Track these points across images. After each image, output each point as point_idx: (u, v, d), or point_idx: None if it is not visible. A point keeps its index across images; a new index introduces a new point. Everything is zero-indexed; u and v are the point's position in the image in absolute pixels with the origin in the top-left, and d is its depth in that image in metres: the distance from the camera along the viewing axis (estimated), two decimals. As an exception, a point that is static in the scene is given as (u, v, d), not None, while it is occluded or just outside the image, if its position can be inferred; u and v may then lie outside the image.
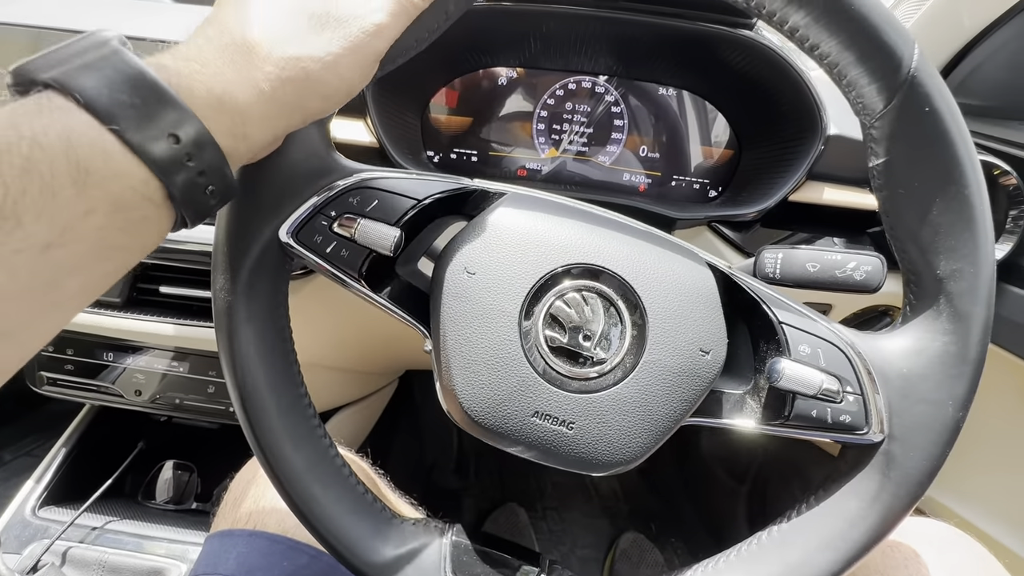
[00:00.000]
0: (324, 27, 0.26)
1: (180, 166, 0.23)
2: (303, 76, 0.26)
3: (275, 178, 0.31)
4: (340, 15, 0.27)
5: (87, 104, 0.21)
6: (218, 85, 0.24)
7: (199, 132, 0.24)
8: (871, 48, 0.28)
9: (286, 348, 0.34)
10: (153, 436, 0.80)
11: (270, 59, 0.25)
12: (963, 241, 0.30)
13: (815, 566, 0.31)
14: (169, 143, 0.23)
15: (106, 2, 0.63)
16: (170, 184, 0.23)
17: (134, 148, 0.22)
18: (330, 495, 0.33)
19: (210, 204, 0.26)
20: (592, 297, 0.32)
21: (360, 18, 0.27)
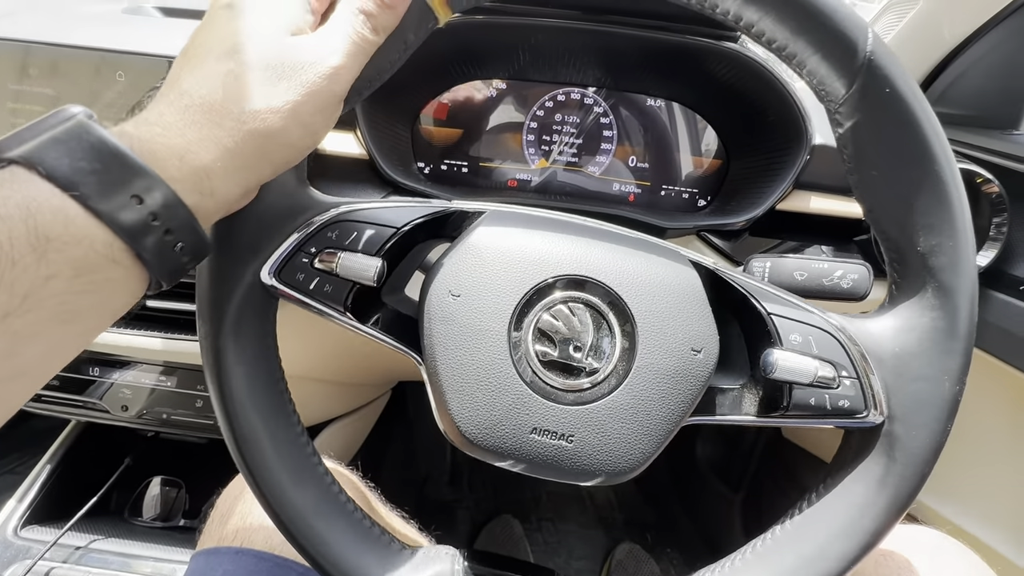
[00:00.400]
0: (280, 78, 0.27)
1: (146, 226, 0.24)
2: (264, 129, 0.27)
3: (251, 220, 0.31)
4: (295, 63, 0.27)
5: (48, 174, 0.22)
6: (180, 145, 0.25)
7: (163, 192, 0.24)
8: (826, 37, 0.28)
9: (279, 388, 0.34)
10: (140, 452, 0.79)
11: (230, 115, 0.26)
12: (939, 216, 0.30)
13: (831, 556, 0.31)
14: (132, 204, 0.24)
15: (96, 17, 0.63)
16: (137, 245, 0.24)
17: (96, 212, 0.23)
18: (335, 532, 0.33)
19: (182, 262, 0.26)
20: (579, 308, 0.32)
21: (315, 63, 0.27)
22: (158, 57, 0.56)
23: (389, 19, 0.29)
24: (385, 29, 0.29)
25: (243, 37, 0.27)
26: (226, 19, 0.27)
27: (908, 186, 0.30)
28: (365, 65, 0.30)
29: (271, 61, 0.27)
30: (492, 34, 0.57)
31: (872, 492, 0.31)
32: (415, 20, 0.30)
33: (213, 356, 0.32)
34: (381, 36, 0.29)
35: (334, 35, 0.28)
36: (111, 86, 0.56)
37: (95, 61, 0.56)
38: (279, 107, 0.27)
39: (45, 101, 0.56)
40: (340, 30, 0.28)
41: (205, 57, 0.27)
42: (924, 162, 0.29)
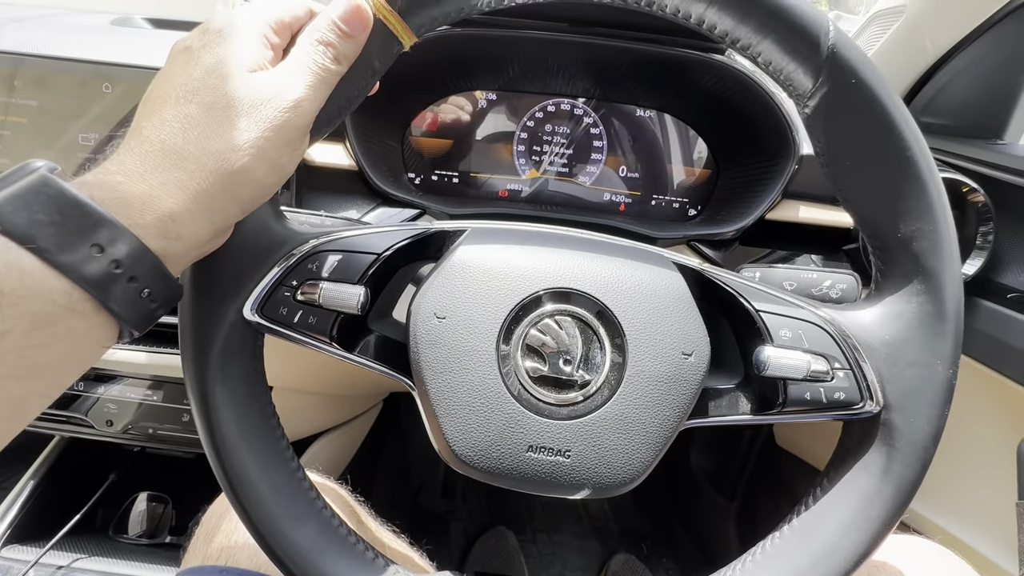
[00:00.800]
0: (240, 115, 0.26)
1: (109, 275, 0.24)
2: (227, 169, 0.26)
3: (229, 259, 0.31)
4: (255, 100, 0.27)
5: (4, 229, 0.22)
6: (142, 191, 0.25)
7: (126, 240, 0.24)
8: (788, 33, 0.29)
9: (270, 425, 0.33)
10: (125, 467, 0.78)
11: (191, 157, 0.26)
12: (916, 201, 0.30)
13: (843, 551, 0.31)
14: (93, 253, 0.23)
15: (83, 28, 0.62)
16: (101, 295, 0.24)
17: (54, 263, 0.23)
18: (340, 568, 0.32)
19: (151, 308, 0.26)
20: (566, 320, 0.32)
21: (276, 98, 0.27)
22: (146, 69, 0.55)
23: (350, 48, 0.29)
24: (347, 58, 0.29)
25: (201, 78, 0.27)
26: (183, 62, 0.27)
27: (883, 173, 0.30)
28: (333, 95, 0.30)
29: (229, 100, 0.26)
30: (482, 46, 0.57)
31: (877, 481, 0.31)
32: (379, 46, 0.30)
33: (201, 400, 0.32)
34: (344, 65, 0.29)
35: (294, 68, 0.28)
36: (98, 98, 0.56)
37: (81, 73, 0.55)
38: (241, 145, 0.26)
39: (30, 113, 0.55)
40: (300, 63, 0.28)
41: (164, 101, 0.27)
42: (896, 148, 0.30)
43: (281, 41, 0.29)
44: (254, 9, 0.29)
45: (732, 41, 0.30)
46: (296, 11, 0.29)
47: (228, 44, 0.27)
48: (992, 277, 0.56)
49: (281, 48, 0.29)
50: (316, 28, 0.29)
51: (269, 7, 0.29)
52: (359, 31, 0.29)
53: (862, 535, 0.31)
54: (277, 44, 0.29)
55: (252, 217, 0.31)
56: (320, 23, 0.29)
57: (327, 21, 0.28)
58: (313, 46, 0.28)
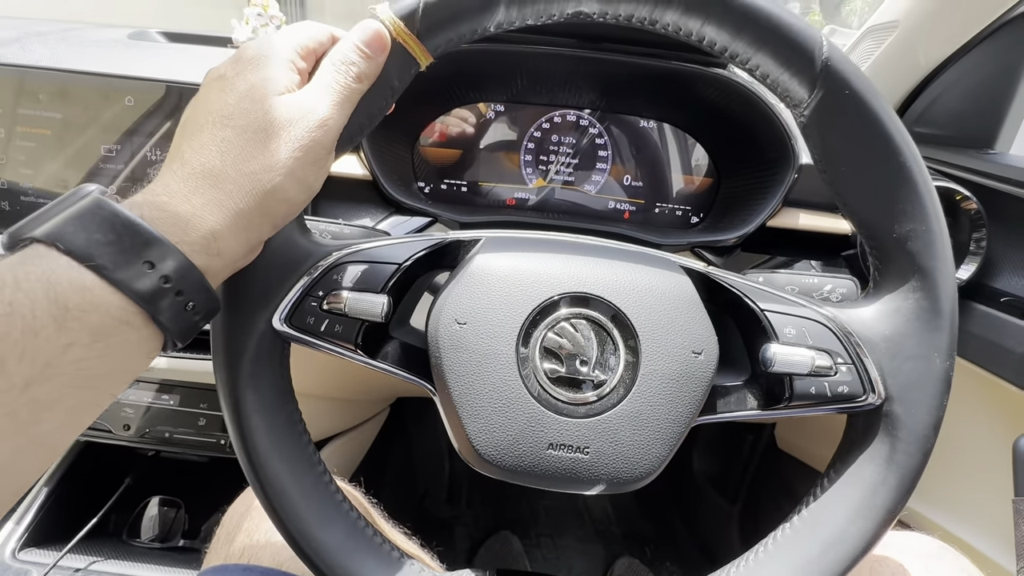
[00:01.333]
0: (271, 137, 0.28)
1: (159, 290, 0.26)
2: (262, 189, 0.28)
3: (259, 273, 0.33)
4: (284, 121, 0.29)
5: (67, 249, 0.24)
6: (187, 211, 0.27)
7: (174, 257, 0.26)
8: (784, 49, 0.31)
9: (298, 430, 0.35)
10: (140, 471, 0.79)
11: (229, 178, 0.28)
12: (909, 203, 0.32)
13: (851, 538, 0.32)
14: (145, 270, 0.25)
15: (103, 43, 0.64)
16: (151, 308, 0.26)
17: (111, 280, 0.24)
18: (368, 569, 0.34)
19: (194, 320, 0.28)
20: (581, 323, 0.33)
21: (303, 119, 0.29)
22: (167, 83, 0.57)
23: (371, 67, 0.31)
24: (368, 77, 0.31)
25: (235, 104, 0.29)
26: (218, 89, 0.29)
27: (877, 178, 0.32)
28: (356, 112, 0.31)
29: (262, 123, 0.28)
30: (490, 60, 0.59)
31: (882, 470, 0.33)
32: (398, 67, 0.32)
33: (233, 406, 0.33)
34: (365, 84, 0.31)
35: (319, 89, 0.30)
36: (120, 110, 0.57)
37: (104, 86, 0.57)
38: (274, 165, 0.28)
39: (54, 125, 0.57)
40: (325, 83, 0.30)
41: (202, 127, 0.29)
42: (888, 154, 0.31)
43: (307, 66, 0.31)
44: (281, 37, 0.31)
45: (731, 56, 0.32)
46: (320, 37, 0.31)
47: (259, 71, 0.29)
48: (986, 282, 0.58)
49: (307, 72, 0.31)
50: (339, 51, 0.31)
51: (295, 35, 0.31)
52: (379, 52, 0.31)
53: (869, 523, 0.32)
54: (303, 68, 0.31)
55: (280, 234, 0.32)
56: (343, 47, 0.31)
57: (349, 44, 0.30)
58: (336, 67, 0.30)
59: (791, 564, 0.32)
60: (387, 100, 0.33)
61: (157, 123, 0.57)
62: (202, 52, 0.66)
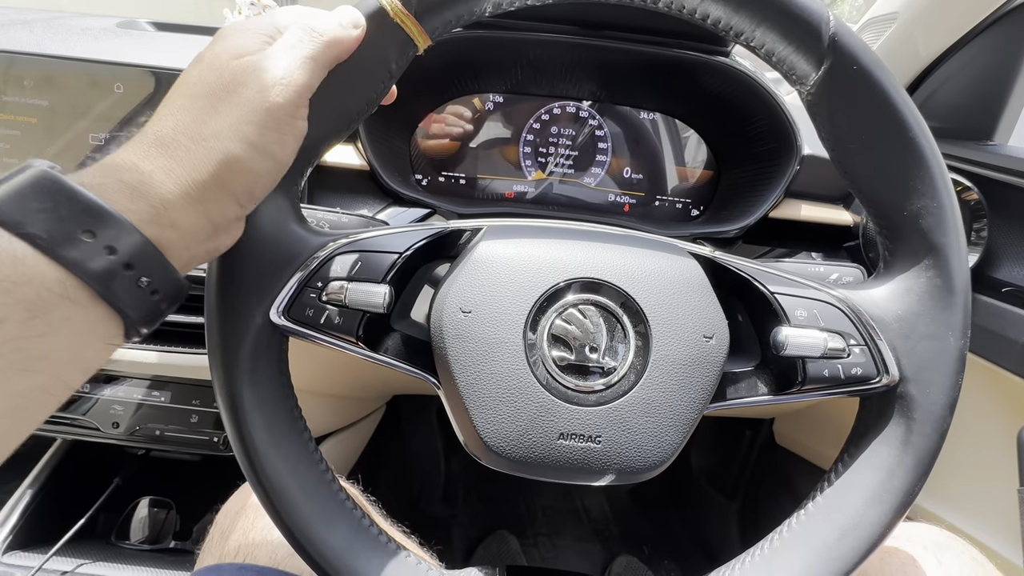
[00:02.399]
0: (223, 100, 0.27)
1: (104, 262, 0.24)
2: (215, 156, 0.26)
3: (253, 263, 0.31)
4: (234, 83, 0.27)
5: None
6: (134, 178, 0.25)
7: (118, 225, 0.24)
8: (790, 24, 0.30)
9: (298, 427, 0.33)
10: (129, 471, 0.77)
11: (180, 145, 0.26)
12: (920, 180, 0.31)
13: (869, 523, 0.31)
14: (84, 239, 0.23)
15: (91, 30, 0.63)
16: (97, 283, 0.23)
17: (46, 250, 0.22)
18: (374, 568, 0.32)
19: (153, 301, 0.25)
20: (589, 309, 0.33)
21: (255, 80, 0.27)
22: (156, 69, 0.56)
23: (341, 34, 0.29)
24: (338, 43, 0.29)
25: (196, 73, 0.27)
26: (190, 66, 0.28)
27: (887, 154, 0.31)
28: (352, 96, 0.30)
29: (215, 87, 0.27)
30: (489, 49, 0.58)
31: (898, 453, 0.32)
32: (396, 49, 0.31)
33: (230, 404, 0.32)
34: (335, 49, 0.29)
35: (280, 48, 0.28)
36: (108, 98, 0.56)
37: (92, 73, 0.55)
38: (223, 131, 0.26)
39: (40, 113, 0.55)
40: (287, 43, 0.28)
41: (165, 101, 0.28)
42: (898, 129, 0.31)
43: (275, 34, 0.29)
44: (264, 16, 0.30)
45: (734, 33, 0.31)
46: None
47: (225, 40, 0.28)
48: (987, 272, 0.58)
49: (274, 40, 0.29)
50: (308, 15, 0.29)
51: (278, 14, 0.30)
52: (350, 25, 0.29)
53: (886, 506, 0.31)
54: (276, 39, 0.29)
55: (273, 219, 0.31)
56: (314, 13, 0.29)
57: (321, 13, 0.29)
58: (302, 27, 0.29)
59: (808, 550, 0.32)
60: (385, 83, 0.32)
61: (147, 111, 0.55)
62: (193, 41, 0.64)
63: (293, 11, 0.30)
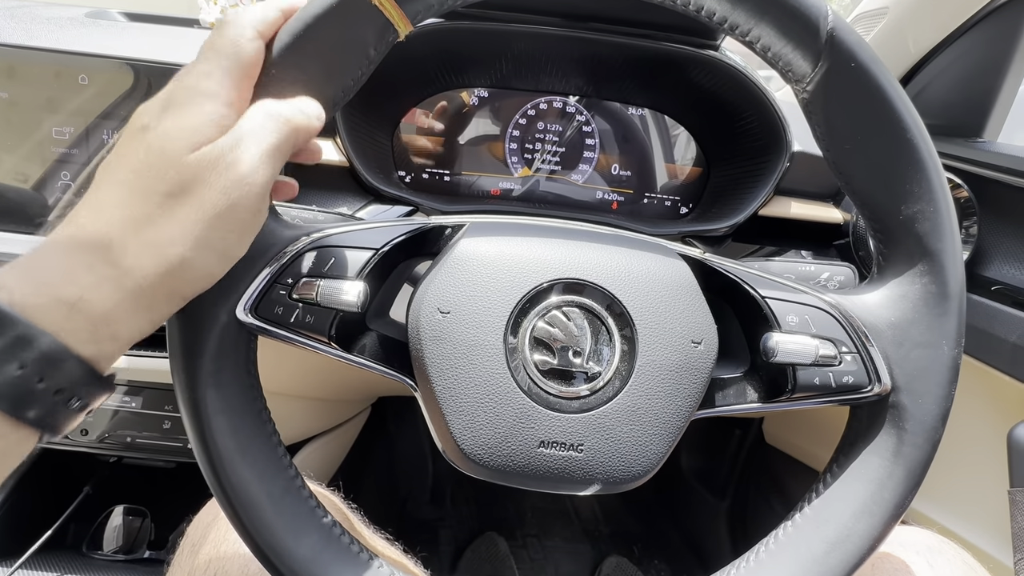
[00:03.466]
0: (180, 201, 0.24)
1: (30, 392, 0.22)
2: (167, 264, 0.24)
3: None
4: (197, 180, 0.25)
5: None
6: (72, 294, 0.23)
7: (50, 348, 0.22)
8: (787, 19, 0.29)
9: (266, 431, 0.32)
10: (101, 479, 0.74)
11: (127, 251, 0.24)
12: (916, 183, 0.30)
13: (857, 536, 0.30)
14: (12, 368, 0.21)
15: (57, 20, 0.60)
16: (17, 411, 0.22)
17: None
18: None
19: (75, 412, 0.24)
20: (574, 312, 0.31)
21: (220, 177, 0.25)
22: (124, 60, 0.53)
23: (305, 123, 0.28)
24: (303, 130, 0.28)
25: (144, 159, 0.25)
26: (136, 138, 0.25)
27: (883, 156, 0.30)
28: (330, 83, 0.28)
29: (172, 184, 0.24)
30: (474, 41, 0.57)
31: (888, 464, 0.31)
32: (375, 34, 0.29)
33: (193, 409, 0.30)
34: (302, 136, 0.27)
35: (245, 138, 0.26)
36: (73, 91, 0.53)
37: (55, 64, 0.53)
38: (177, 236, 0.24)
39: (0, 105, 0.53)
40: (250, 130, 0.26)
41: (108, 182, 0.25)
42: (895, 130, 0.30)
43: (246, 94, 0.27)
44: (214, 59, 0.27)
45: (731, 27, 0.30)
46: (268, 32, 0.28)
47: (180, 117, 0.25)
48: (977, 271, 0.58)
49: (245, 101, 0.27)
50: (273, 102, 0.27)
51: (231, 52, 0.27)
52: (313, 116, 0.28)
53: (875, 519, 0.31)
54: (238, 100, 0.27)
55: None
56: (278, 105, 0.27)
57: (286, 103, 0.27)
58: (265, 113, 0.27)
59: (795, 564, 0.31)
60: (363, 71, 0.30)
61: (113, 103, 0.53)
62: (166, 32, 0.62)
63: (258, 107, 0.28)
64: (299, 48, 0.28)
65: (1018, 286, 0.54)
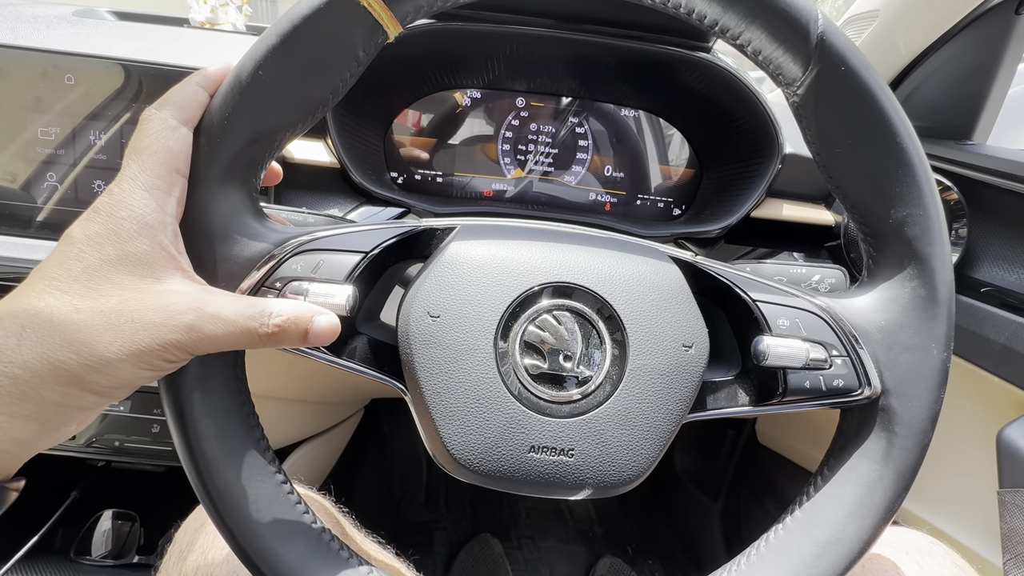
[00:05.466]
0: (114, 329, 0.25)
1: None
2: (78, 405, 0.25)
3: (207, 258, 0.29)
4: (130, 315, 0.25)
5: None
6: None
7: None
8: (778, 22, 0.29)
9: (254, 436, 0.31)
10: (89, 484, 0.73)
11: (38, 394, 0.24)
12: (906, 186, 0.30)
13: (847, 540, 0.30)
14: None
15: (44, 19, 0.59)
16: None
17: None
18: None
19: None
20: (565, 316, 0.31)
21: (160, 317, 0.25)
22: (111, 60, 0.53)
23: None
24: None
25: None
26: (69, 259, 0.25)
27: (873, 159, 0.30)
28: (316, 86, 0.29)
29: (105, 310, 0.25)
30: (466, 42, 0.56)
31: (878, 467, 0.31)
32: (364, 36, 0.29)
33: (178, 412, 0.29)
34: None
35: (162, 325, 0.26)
36: (60, 91, 0.52)
37: (42, 64, 0.52)
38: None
39: (-16, 106, 0.52)
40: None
41: (37, 302, 0.24)
42: (885, 134, 0.30)
43: (172, 193, 0.27)
44: (137, 160, 0.27)
45: (722, 30, 0.30)
46: (185, 149, 0.28)
47: (114, 246, 0.25)
48: (967, 273, 0.58)
49: (176, 199, 0.27)
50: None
51: (157, 148, 0.27)
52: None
53: (865, 522, 0.31)
54: (167, 202, 0.27)
55: (226, 214, 0.29)
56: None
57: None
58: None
59: (785, 567, 0.31)
60: (352, 71, 0.30)
61: (101, 104, 0.52)
62: (155, 31, 0.61)
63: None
64: (287, 49, 0.28)
65: (1007, 288, 0.54)
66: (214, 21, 0.74)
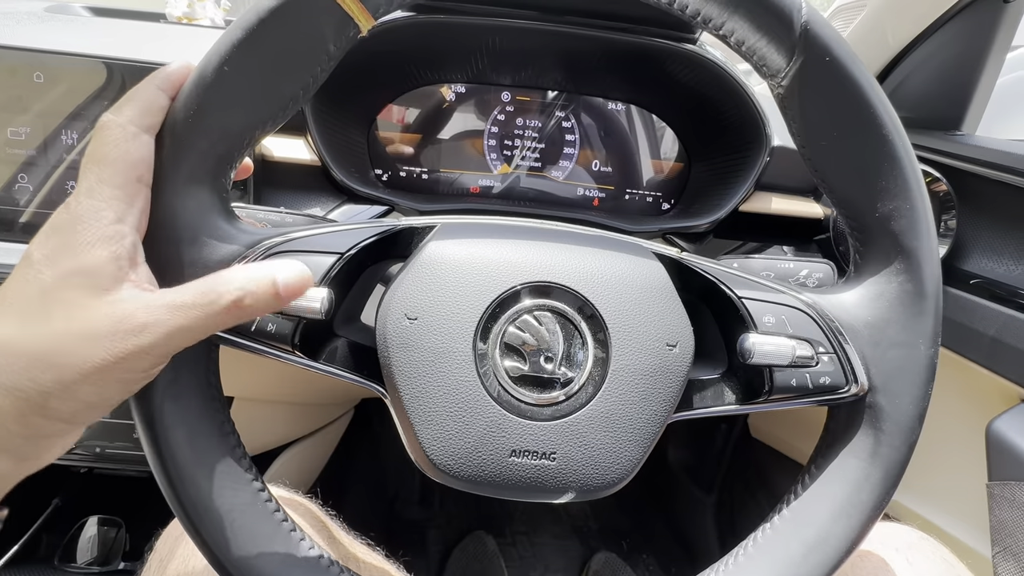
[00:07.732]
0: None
1: None
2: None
3: (173, 262, 0.28)
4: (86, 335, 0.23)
5: None
6: None
7: None
8: (761, 11, 0.28)
9: (229, 443, 0.30)
10: (72, 490, 0.72)
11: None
12: (892, 179, 0.30)
13: (834, 538, 0.30)
14: None
15: (15, 15, 0.57)
16: None
17: None
18: None
19: None
20: (545, 316, 0.30)
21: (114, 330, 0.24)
22: (82, 57, 0.51)
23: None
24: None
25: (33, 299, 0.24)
26: (28, 284, 0.24)
27: (858, 152, 0.30)
28: (286, 81, 0.27)
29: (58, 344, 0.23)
30: (448, 35, 0.55)
31: (866, 465, 0.31)
32: (334, 28, 0.28)
33: (147, 421, 0.28)
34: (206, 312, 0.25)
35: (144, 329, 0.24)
36: (29, 89, 0.51)
37: (10, 61, 0.50)
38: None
39: (-50, 105, 0.50)
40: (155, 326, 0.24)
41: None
42: (871, 126, 0.29)
43: (134, 204, 0.26)
44: (96, 171, 0.25)
45: (704, 20, 0.29)
46: (146, 157, 0.26)
47: (70, 258, 0.24)
48: (956, 264, 0.58)
49: (139, 209, 0.26)
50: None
51: (115, 158, 0.25)
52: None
53: (853, 521, 0.30)
54: (127, 213, 0.25)
55: (194, 215, 0.28)
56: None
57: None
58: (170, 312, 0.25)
59: (773, 567, 0.30)
60: (323, 66, 0.29)
61: (71, 102, 0.51)
62: (130, 26, 0.59)
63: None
64: (253, 44, 0.27)
65: (997, 279, 0.54)
66: (191, 16, 0.72)
